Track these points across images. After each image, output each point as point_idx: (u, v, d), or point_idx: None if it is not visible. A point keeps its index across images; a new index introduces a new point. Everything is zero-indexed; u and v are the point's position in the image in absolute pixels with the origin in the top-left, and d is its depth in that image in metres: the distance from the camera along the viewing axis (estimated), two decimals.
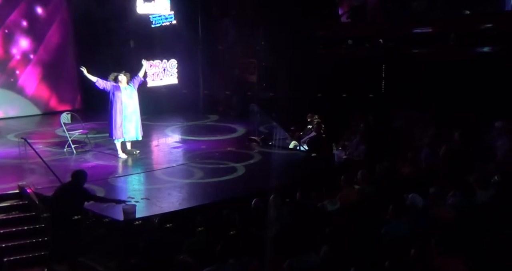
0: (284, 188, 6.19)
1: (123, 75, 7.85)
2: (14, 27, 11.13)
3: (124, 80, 7.85)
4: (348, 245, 4.18)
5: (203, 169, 7.58)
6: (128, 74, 7.98)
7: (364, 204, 5.29)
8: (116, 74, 7.89)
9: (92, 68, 11.68)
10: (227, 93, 11.81)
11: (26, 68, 11.40)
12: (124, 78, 7.85)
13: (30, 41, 11.37)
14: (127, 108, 7.86)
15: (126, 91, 7.86)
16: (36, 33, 11.41)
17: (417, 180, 5.78)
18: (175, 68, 12.18)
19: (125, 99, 7.83)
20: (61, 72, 11.87)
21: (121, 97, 7.81)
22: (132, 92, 7.91)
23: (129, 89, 7.90)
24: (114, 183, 7.03)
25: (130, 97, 7.89)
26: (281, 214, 5.22)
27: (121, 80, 7.83)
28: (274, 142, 9.03)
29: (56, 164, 7.38)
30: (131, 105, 7.90)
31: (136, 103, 7.97)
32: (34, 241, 6.02)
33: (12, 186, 6.65)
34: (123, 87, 7.85)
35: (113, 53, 11.22)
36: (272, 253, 4.35)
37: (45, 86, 11.71)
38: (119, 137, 7.97)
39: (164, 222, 5.49)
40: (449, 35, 8.24)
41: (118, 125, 7.85)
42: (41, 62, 11.57)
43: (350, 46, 9.65)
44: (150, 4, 11.44)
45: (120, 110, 7.81)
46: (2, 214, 6.26)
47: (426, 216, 4.73)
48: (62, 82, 11.92)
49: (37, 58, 11.50)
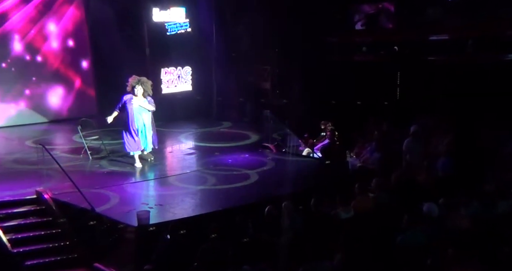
0: (297, 195, 6.16)
1: (141, 87, 7.65)
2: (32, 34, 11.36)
3: (140, 93, 7.68)
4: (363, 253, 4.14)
5: (216, 176, 7.60)
6: (150, 83, 7.83)
7: (379, 213, 5.23)
8: (136, 81, 7.69)
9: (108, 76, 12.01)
10: (240, 100, 11.84)
11: (43, 75, 11.62)
12: (140, 91, 7.66)
13: (47, 48, 11.59)
14: (138, 120, 7.73)
15: (138, 104, 7.68)
16: (53, 41, 11.64)
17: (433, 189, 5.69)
18: (189, 75, 12.29)
19: (137, 112, 7.69)
20: (77, 79, 12.07)
21: (133, 110, 7.67)
22: (145, 105, 7.73)
23: (142, 102, 7.70)
24: (129, 189, 7.09)
25: (143, 110, 7.73)
26: (294, 221, 5.19)
27: (137, 92, 7.66)
28: (288, 149, 9.01)
29: (73, 170, 7.46)
30: (143, 118, 7.76)
31: (149, 117, 7.82)
32: (51, 246, 6.08)
33: (30, 191, 6.74)
34: (136, 100, 7.67)
35: (128, 60, 11.37)
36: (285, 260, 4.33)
37: (62, 93, 11.91)
38: (135, 150, 7.86)
39: (177, 228, 5.51)
40: (466, 41, 8.15)
41: (132, 138, 7.73)
42: (57, 69, 11.78)
43: (365, 53, 9.62)
44: (165, 12, 11.60)
45: (132, 122, 7.69)
46: (20, 219, 6.35)
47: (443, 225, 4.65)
48: (78, 89, 12.12)
49: (53, 66, 11.71)
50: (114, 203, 6.46)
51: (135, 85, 7.67)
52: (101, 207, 6.25)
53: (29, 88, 11.46)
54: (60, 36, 11.71)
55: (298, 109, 10.26)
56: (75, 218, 6.30)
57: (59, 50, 11.72)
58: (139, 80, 7.73)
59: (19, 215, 6.39)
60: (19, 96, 11.33)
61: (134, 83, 7.69)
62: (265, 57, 11.31)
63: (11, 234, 6.04)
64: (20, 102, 11.37)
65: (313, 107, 9.98)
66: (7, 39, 11.02)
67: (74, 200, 6.43)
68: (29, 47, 11.32)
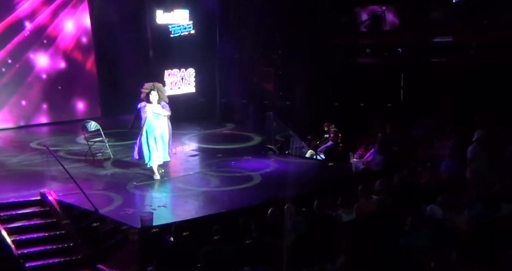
0: (300, 197, 6.15)
1: (156, 93, 7.25)
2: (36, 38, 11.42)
3: (155, 99, 7.26)
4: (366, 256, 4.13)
5: (219, 177, 7.61)
6: (164, 90, 7.52)
7: (382, 215, 5.22)
8: (150, 88, 7.28)
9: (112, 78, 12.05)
10: (243, 101, 11.86)
11: (47, 77, 11.68)
12: (156, 97, 7.25)
13: (51, 50, 11.65)
14: (155, 129, 7.29)
15: (152, 111, 7.26)
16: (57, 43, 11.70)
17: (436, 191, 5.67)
18: (193, 77, 12.32)
19: (152, 120, 7.26)
20: (81, 81, 12.12)
21: (148, 118, 7.24)
22: (159, 111, 7.30)
23: (155, 108, 7.28)
24: (132, 191, 7.11)
25: (159, 118, 7.30)
26: (297, 223, 5.19)
27: (152, 99, 7.25)
28: (291, 150, 9.00)
29: (76, 172, 7.50)
30: (160, 127, 7.33)
31: (164, 124, 7.39)
32: (55, 248, 6.09)
33: (34, 192, 6.77)
34: (150, 107, 7.26)
35: (132, 62, 11.42)
36: (288, 263, 4.32)
37: (66, 95, 11.96)
38: (154, 160, 7.36)
39: (181, 230, 5.52)
40: (470, 44, 8.13)
41: (148, 149, 7.27)
42: (61, 72, 11.83)
43: (368, 55, 9.61)
44: (169, 14, 11.64)
45: (148, 131, 7.25)
46: (24, 220, 6.37)
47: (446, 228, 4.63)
48: (82, 91, 12.16)
49: (57, 68, 11.77)
50: (117, 205, 6.47)
51: (149, 91, 7.27)
52: (104, 208, 6.27)
53: (33, 90, 11.52)
54: (65, 38, 11.77)
55: (301, 111, 10.26)
56: (79, 220, 6.33)
57: (63, 52, 11.78)
58: (154, 86, 7.34)
59: (23, 217, 6.42)
60: (23, 98, 11.39)
61: (149, 89, 7.29)
62: (269, 59, 11.32)
63: (15, 235, 6.07)
64: (24, 103, 11.43)
65: (316, 109, 9.98)
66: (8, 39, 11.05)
67: (78, 201, 6.46)
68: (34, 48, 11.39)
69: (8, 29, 10.95)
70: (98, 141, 8.78)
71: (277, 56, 11.13)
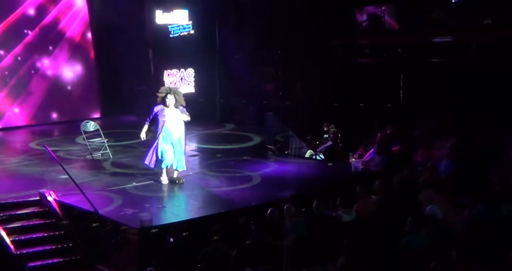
0: (300, 197, 6.15)
1: (173, 96, 6.90)
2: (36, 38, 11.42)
3: (172, 103, 6.91)
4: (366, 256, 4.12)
5: (219, 178, 7.60)
6: (180, 92, 7.15)
7: (381, 215, 5.22)
8: (166, 91, 6.96)
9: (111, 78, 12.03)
10: (243, 102, 11.86)
11: (47, 77, 11.67)
12: (172, 101, 6.89)
13: (50, 51, 11.65)
14: (172, 134, 6.96)
15: (171, 116, 6.94)
16: (56, 43, 11.70)
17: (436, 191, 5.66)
18: (192, 77, 12.31)
19: (170, 125, 6.94)
20: (80, 82, 12.12)
21: (166, 122, 6.91)
22: (179, 116, 7.01)
23: (175, 112, 6.97)
24: (132, 191, 7.10)
25: (176, 123, 6.99)
26: (297, 223, 5.19)
27: (168, 103, 6.89)
28: (290, 151, 9.00)
29: (76, 172, 7.49)
30: (177, 132, 7.01)
31: (182, 130, 7.08)
32: (54, 248, 6.09)
33: (33, 193, 6.76)
34: (169, 111, 6.92)
35: (131, 62, 11.41)
36: (288, 263, 4.32)
37: (65, 95, 11.96)
38: (168, 164, 7.08)
39: (180, 230, 5.51)
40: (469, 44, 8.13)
41: (161, 154, 6.96)
42: (61, 72, 11.84)
43: (368, 55, 9.61)
44: (168, 14, 11.65)
45: (165, 136, 6.93)
46: (23, 220, 6.36)
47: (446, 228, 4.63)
48: (82, 91, 12.17)
49: (57, 68, 11.77)
50: (117, 205, 6.46)
51: (166, 95, 6.91)
52: (104, 208, 6.25)
53: (32, 90, 11.51)
54: (64, 39, 11.77)
55: (301, 111, 10.27)
56: (78, 220, 6.31)
57: (62, 52, 11.78)
58: (170, 89, 7.04)
59: (22, 217, 6.41)
60: (23, 98, 11.38)
61: (165, 92, 6.95)
62: (268, 59, 11.32)
63: (14, 235, 6.06)
64: (24, 104, 11.42)
65: (316, 109, 9.97)
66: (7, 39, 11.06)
67: (77, 201, 6.44)
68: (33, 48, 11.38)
69: (8, 29, 10.96)
70: (98, 141, 8.77)
71: (277, 56, 11.12)
